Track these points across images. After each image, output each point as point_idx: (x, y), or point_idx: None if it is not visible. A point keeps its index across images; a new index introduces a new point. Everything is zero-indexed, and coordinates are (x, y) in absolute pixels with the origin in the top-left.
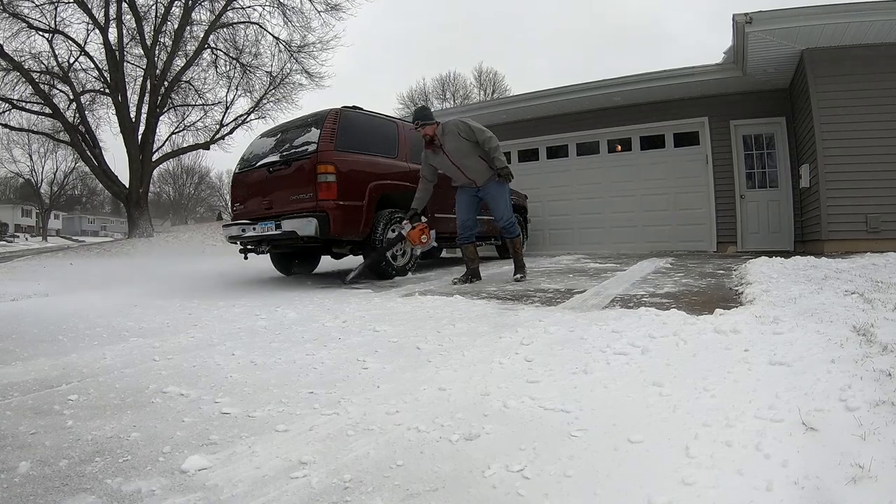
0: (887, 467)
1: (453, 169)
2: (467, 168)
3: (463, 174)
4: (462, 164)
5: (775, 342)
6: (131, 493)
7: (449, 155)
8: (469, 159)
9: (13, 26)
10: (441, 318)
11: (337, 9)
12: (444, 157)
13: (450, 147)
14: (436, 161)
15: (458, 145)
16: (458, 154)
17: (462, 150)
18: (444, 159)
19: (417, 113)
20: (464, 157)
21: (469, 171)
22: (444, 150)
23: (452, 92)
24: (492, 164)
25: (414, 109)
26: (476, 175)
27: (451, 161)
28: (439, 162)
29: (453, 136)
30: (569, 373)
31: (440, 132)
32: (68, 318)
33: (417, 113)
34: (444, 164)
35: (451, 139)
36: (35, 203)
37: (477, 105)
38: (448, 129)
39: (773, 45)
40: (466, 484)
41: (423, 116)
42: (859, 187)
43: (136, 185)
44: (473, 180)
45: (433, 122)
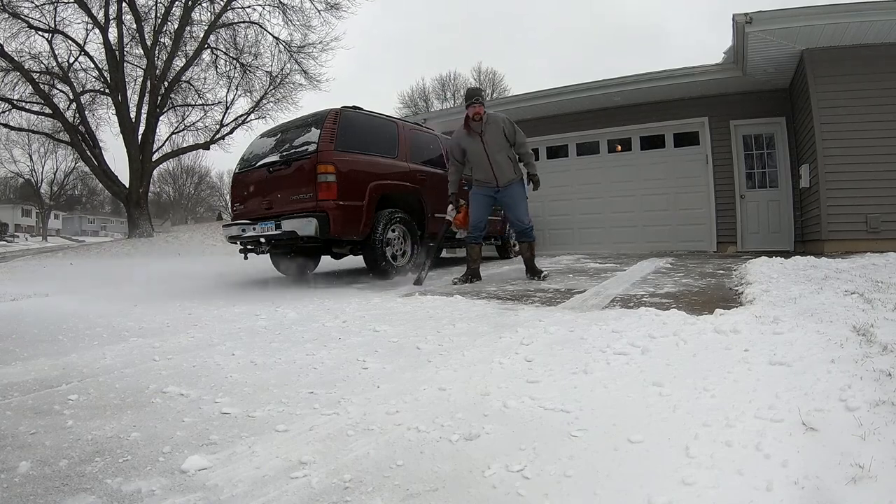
0: (887, 467)
1: (483, 160)
2: (496, 164)
3: (490, 168)
4: (494, 158)
5: (775, 342)
6: (131, 493)
7: (486, 145)
8: (500, 155)
9: (13, 26)
10: (441, 318)
11: (337, 7)
12: (479, 145)
13: (489, 138)
14: (469, 145)
15: (497, 139)
16: (494, 147)
17: (498, 144)
18: (478, 147)
19: (474, 90)
20: (496, 153)
21: (497, 167)
22: (483, 139)
23: (452, 92)
24: (526, 168)
25: (469, 88)
26: (500, 174)
27: (485, 151)
28: (472, 148)
29: (496, 129)
30: (569, 373)
31: (485, 119)
32: (68, 318)
33: (474, 90)
34: (477, 151)
35: (494, 131)
36: (35, 203)
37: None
38: (493, 120)
39: (773, 45)
40: (466, 484)
41: (479, 94)
42: (859, 187)
43: (136, 185)
44: (496, 178)
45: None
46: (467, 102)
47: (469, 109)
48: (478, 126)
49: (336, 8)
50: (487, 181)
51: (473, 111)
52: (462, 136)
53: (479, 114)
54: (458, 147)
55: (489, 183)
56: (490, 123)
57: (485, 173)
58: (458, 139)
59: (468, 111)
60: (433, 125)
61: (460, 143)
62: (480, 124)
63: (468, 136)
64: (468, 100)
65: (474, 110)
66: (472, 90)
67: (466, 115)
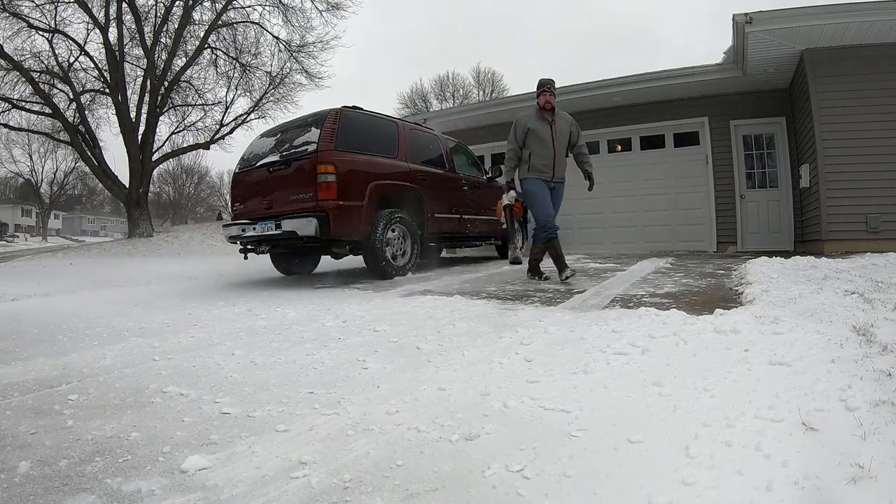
0: (887, 467)
1: (549, 147)
2: (559, 155)
3: (553, 158)
4: (558, 149)
5: (775, 342)
6: (131, 493)
7: (555, 133)
8: (562, 149)
9: (13, 26)
10: (441, 318)
11: (338, 7)
12: (549, 130)
13: (558, 129)
14: (539, 127)
15: (564, 133)
16: (561, 139)
17: (564, 138)
18: (547, 132)
19: (546, 80)
20: (561, 146)
21: (558, 159)
22: (553, 127)
23: (451, 92)
24: (585, 167)
25: (542, 78)
26: (559, 167)
27: (553, 137)
28: (541, 131)
29: (565, 122)
30: (569, 373)
31: (556, 113)
32: (68, 318)
33: (546, 80)
34: (545, 136)
35: (563, 124)
36: (35, 203)
37: (476, 105)
38: (561, 115)
39: (773, 45)
40: (466, 484)
41: (551, 83)
42: (859, 187)
43: (136, 185)
44: (554, 170)
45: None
46: (538, 91)
47: (540, 98)
48: (549, 115)
49: (337, 8)
50: (545, 169)
51: (544, 100)
52: (532, 118)
53: (550, 102)
54: (524, 128)
55: (545, 172)
56: (560, 117)
57: (545, 161)
58: (527, 120)
59: (539, 100)
60: (433, 125)
61: (527, 124)
62: (552, 113)
63: (540, 119)
64: (540, 88)
65: (545, 99)
66: (543, 79)
67: (537, 102)
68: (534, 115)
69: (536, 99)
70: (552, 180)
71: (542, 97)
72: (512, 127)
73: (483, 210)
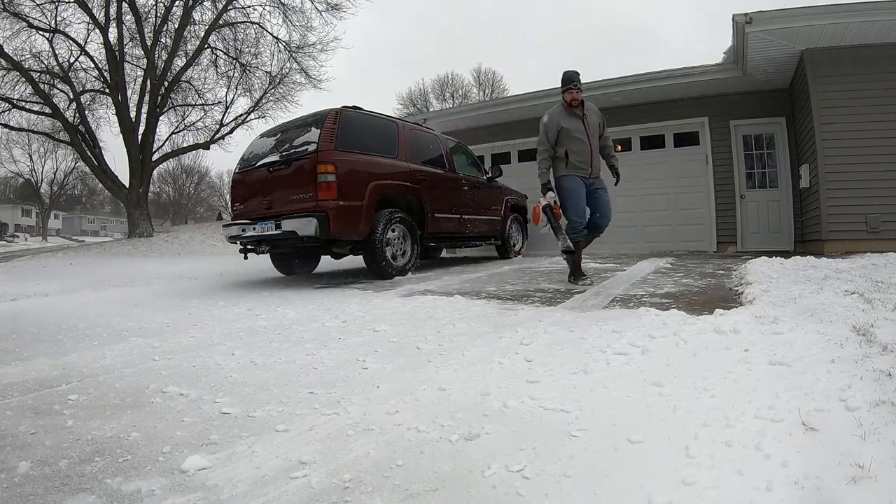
0: (887, 467)
1: (584, 143)
2: (595, 150)
3: (590, 153)
4: (594, 143)
5: (775, 342)
6: (131, 493)
7: (588, 127)
8: (596, 143)
9: (13, 26)
10: (441, 318)
11: (337, 8)
12: (583, 125)
13: (590, 122)
14: (571, 123)
15: (596, 125)
16: (595, 132)
17: (596, 131)
18: (581, 127)
19: (571, 73)
20: (596, 139)
21: (595, 154)
22: (585, 121)
23: (451, 92)
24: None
25: (567, 72)
26: (596, 162)
27: (587, 132)
28: (574, 126)
29: (596, 115)
30: (569, 373)
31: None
32: (68, 318)
33: (571, 73)
34: (579, 131)
35: (594, 117)
36: (35, 203)
37: (476, 105)
38: (591, 107)
39: (773, 45)
40: (466, 484)
41: (576, 78)
42: (859, 187)
43: (136, 185)
44: (591, 166)
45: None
46: (564, 87)
47: (566, 95)
48: (578, 110)
49: (336, 9)
50: (583, 166)
51: (570, 97)
52: (562, 115)
53: (577, 100)
54: (557, 126)
55: (583, 169)
56: (590, 110)
57: (582, 157)
58: (558, 117)
59: (564, 96)
60: (433, 125)
61: (559, 122)
62: (581, 108)
63: (568, 114)
64: (564, 84)
65: (571, 96)
66: (569, 73)
67: (563, 99)
68: (563, 112)
69: (562, 95)
70: (591, 177)
71: (567, 94)
72: (541, 126)
73: (483, 210)
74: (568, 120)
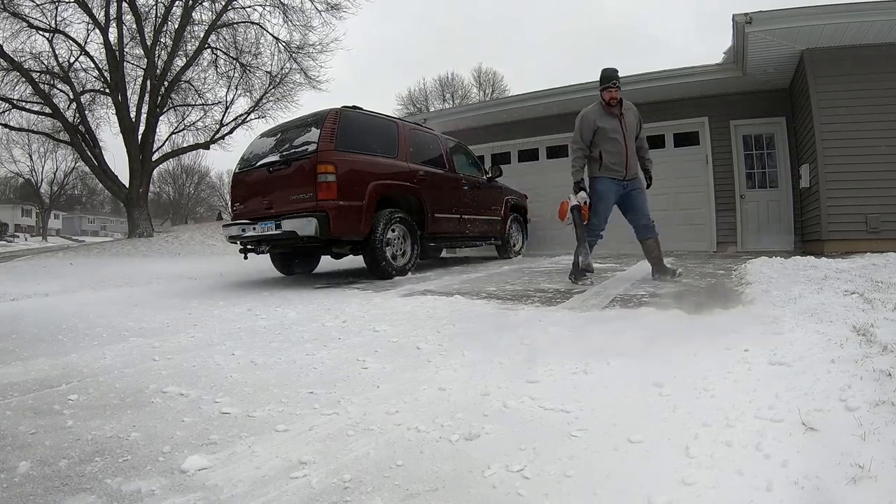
0: (887, 467)
1: (620, 143)
2: (631, 151)
3: (626, 154)
4: (630, 144)
5: (775, 342)
6: (131, 493)
7: (625, 128)
8: (633, 144)
9: (13, 26)
10: (441, 318)
11: (337, 8)
12: (619, 125)
13: (628, 122)
14: (607, 123)
15: (633, 126)
16: (631, 133)
17: (633, 132)
18: (617, 126)
19: (610, 72)
20: (632, 140)
21: (631, 155)
22: (622, 121)
23: (451, 92)
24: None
25: (606, 70)
26: (632, 163)
27: (623, 132)
28: (611, 126)
29: (633, 116)
30: (569, 373)
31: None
32: (68, 318)
33: (610, 72)
34: (615, 131)
35: (632, 117)
36: (35, 203)
37: (476, 105)
38: (629, 106)
39: (773, 45)
40: (466, 484)
41: (615, 77)
42: (859, 187)
43: (136, 184)
44: (627, 167)
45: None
46: (602, 85)
47: (604, 94)
48: (616, 109)
49: (336, 8)
50: (617, 168)
51: (609, 96)
52: (599, 114)
53: (616, 98)
54: (593, 125)
55: (618, 171)
56: (628, 109)
57: (618, 158)
58: (595, 116)
59: (602, 95)
60: (433, 125)
61: (596, 121)
62: (619, 107)
63: (606, 114)
64: (603, 82)
65: (609, 95)
66: (608, 72)
67: (602, 97)
68: (600, 111)
69: (600, 93)
70: (625, 179)
71: (606, 93)
72: (577, 124)
73: (483, 210)
74: (605, 119)
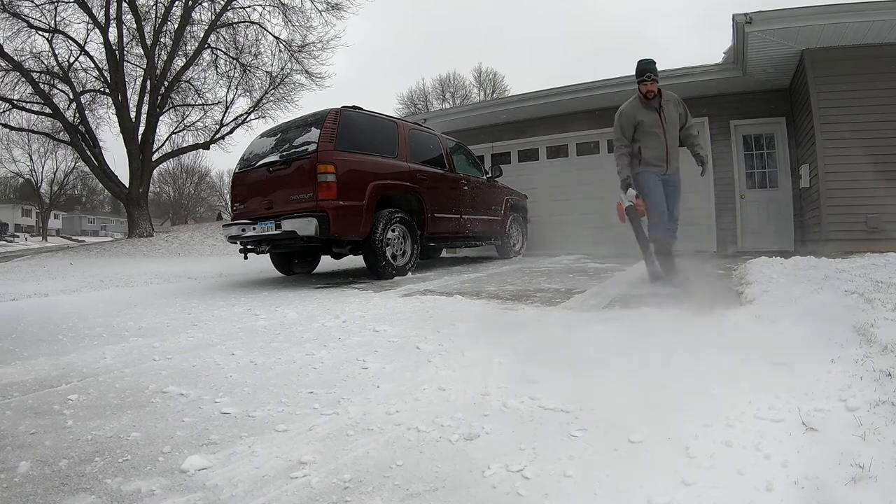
0: (887, 467)
1: (660, 137)
2: (672, 145)
3: (665, 148)
4: (670, 137)
5: (775, 342)
6: (131, 493)
7: (665, 121)
8: (673, 137)
9: (13, 26)
10: (441, 318)
11: (338, 8)
12: (660, 119)
13: (668, 115)
14: (646, 117)
15: (673, 119)
16: (672, 126)
17: (674, 124)
18: (656, 120)
19: (646, 64)
20: (672, 134)
21: (671, 148)
22: (661, 114)
23: (452, 92)
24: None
25: (641, 62)
26: (672, 157)
27: (663, 125)
28: (650, 120)
29: (673, 106)
30: (569, 372)
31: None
32: (68, 318)
33: (646, 64)
34: (654, 125)
35: (672, 108)
36: (35, 203)
37: (477, 105)
38: (669, 97)
39: (773, 45)
40: (466, 484)
41: (651, 69)
42: (859, 187)
43: (135, 184)
44: (667, 162)
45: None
46: (638, 78)
47: (640, 87)
48: (655, 102)
49: (337, 8)
50: (657, 163)
51: (646, 89)
52: (637, 108)
53: (653, 91)
54: (633, 120)
55: (659, 165)
56: (668, 101)
57: (657, 152)
58: (634, 111)
59: (640, 88)
60: (433, 125)
61: (636, 116)
62: (658, 100)
63: (644, 107)
64: (638, 75)
65: (646, 88)
66: (643, 64)
67: (639, 91)
68: (638, 105)
69: (637, 87)
70: (665, 174)
71: (642, 86)
72: (616, 122)
73: (483, 210)
74: (644, 113)
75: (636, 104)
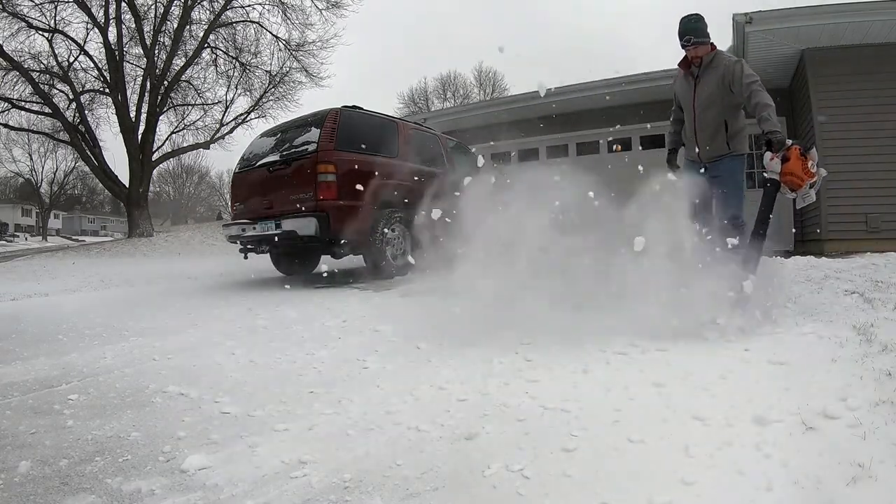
0: (887, 467)
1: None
2: (701, 126)
3: (694, 131)
4: (700, 116)
5: (775, 342)
6: (131, 493)
7: (696, 97)
8: (709, 113)
9: (13, 26)
10: (441, 318)
11: (338, 6)
12: (690, 93)
13: (701, 88)
14: (680, 91)
15: (710, 90)
16: (704, 101)
17: (710, 97)
18: (688, 96)
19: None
20: (705, 108)
21: (701, 131)
22: (699, 84)
23: (453, 91)
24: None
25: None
26: (703, 141)
27: (692, 104)
28: (683, 93)
29: (714, 75)
30: (569, 372)
31: (709, 59)
32: (68, 318)
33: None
34: (685, 96)
35: (711, 76)
36: (35, 203)
37: (477, 105)
38: (718, 63)
39: (773, 44)
40: (466, 483)
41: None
42: (859, 187)
43: (136, 184)
44: (697, 147)
45: (707, 43)
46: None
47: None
48: (696, 69)
49: (336, 6)
50: (690, 147)
51: (690, 55)
52: (678, 78)
53: (698, 57)
54: (674, 94)
55: (690, 150)
56: (710, 67)
57: (687, 133)
58: (675, 82)
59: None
60: (433, 125)
61: (674, 88)
62: (699, 68)
63: (683, 77)
64: (681, 38)
65: (694, 52)
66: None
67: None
68: (679, 74)
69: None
70: (701, 160)
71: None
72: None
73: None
74: (680, 84)
75: (678, 74)
